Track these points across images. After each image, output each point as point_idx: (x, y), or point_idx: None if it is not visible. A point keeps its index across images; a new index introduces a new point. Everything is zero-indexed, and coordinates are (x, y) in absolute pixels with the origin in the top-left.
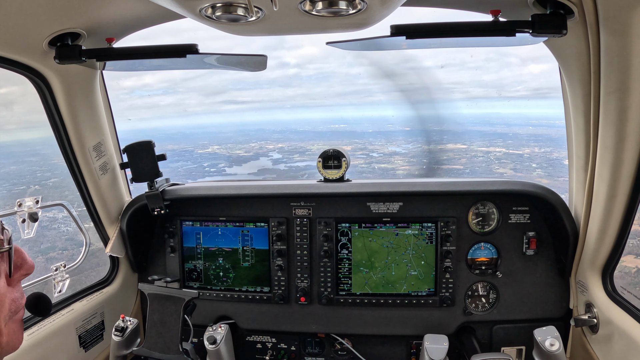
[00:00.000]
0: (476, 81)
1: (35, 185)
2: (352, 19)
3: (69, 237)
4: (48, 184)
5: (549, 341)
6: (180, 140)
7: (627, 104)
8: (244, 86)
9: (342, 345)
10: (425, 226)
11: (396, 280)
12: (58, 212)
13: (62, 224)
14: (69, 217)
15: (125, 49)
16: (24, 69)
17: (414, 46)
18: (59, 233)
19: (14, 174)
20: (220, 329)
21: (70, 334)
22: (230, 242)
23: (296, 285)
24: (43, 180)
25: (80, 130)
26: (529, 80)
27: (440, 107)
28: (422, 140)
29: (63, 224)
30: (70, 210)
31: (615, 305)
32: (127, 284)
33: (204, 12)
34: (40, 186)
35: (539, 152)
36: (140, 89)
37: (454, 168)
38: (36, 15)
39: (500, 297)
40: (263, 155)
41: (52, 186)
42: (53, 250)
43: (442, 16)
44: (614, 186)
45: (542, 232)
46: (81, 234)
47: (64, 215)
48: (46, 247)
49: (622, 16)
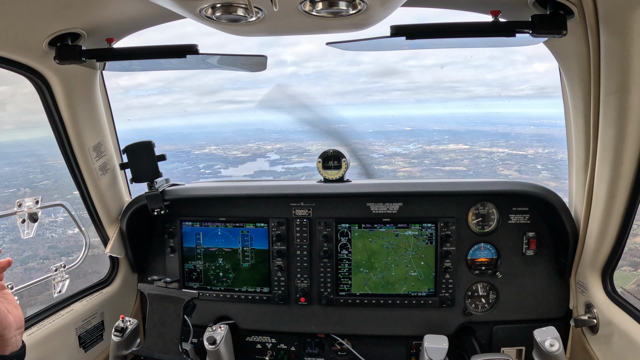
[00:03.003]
0: (480, 80)
1: (26, 187)
2: (352, 20)
3: (52, 245)
4: (39, 186)
5: (548, 341)
6: (178, 140)
7: (627, 105)
8: (242, 85)
9: (342, 346)
10: (425, 226)
11: (396, 281)
12: (45, 217)
13: (47, 230)
14: (55, 221)
15: (125, 49)
16: (24, 69)
17: (414, 46)
18: (42, 239)
19: (7, 175)
20: (220, 330)
21: (70, 334)
22: (230, 243)
23: (296, 286)
24: (35, 182)
25: (80, 131)
26: (534, 79)
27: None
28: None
29: (48, 230)
30: (70, 211)
31: (615, 306)
32: (126, 284)
33: (204, 13)
34: (31, 188)
35: (543, 152)
36: (135, 88)
37: (457, 170)
38: (36, 15)
39: (500, 298)
40: (260, 156)
41: (42, 188)
42: (34, 259)
43: (442, 16)
44: (614, 187)
45: (542, 233)
46: (81, 236)
47: (50, 220)
48: (28, 255)
49: (622, 17)
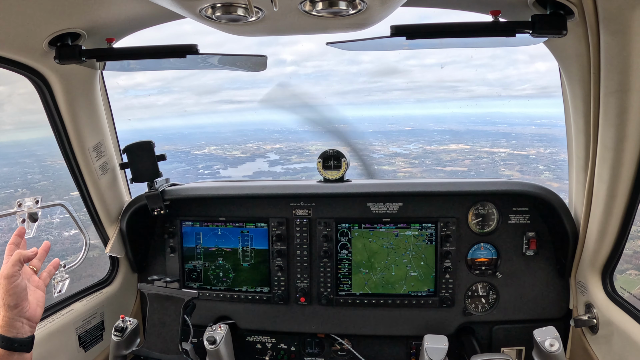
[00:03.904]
0: (481, 79)
1: (23, 189)
2: (352, 19)
3: None
4: (37, 187)
5: (548, 341)
6: (177, 140)
7: (627, 105)
8: (241, 85)
9: (342, 346)
10: (425, 226)
11: (396, 281)
12: (41, 219)
13: (43, 232)
14: (51, 223)
15: (125, 49)
16: (24, 69)
17: (414, 46)
18: (38, 242)
19: (5, 176)
20: (220, 329)
21: (70, 334)
22: (230, 243)
23: (296, 286)
24: (32, 183)
25: (80, 131)
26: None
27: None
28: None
29: (44, 232)
30: (71, 211)
31: (615, 306)
32: (126, 284)
33: (204, 13)
34: (29, 189)
35: (545, 152)
36: (134, 88)
37: (458, 170)
38: (36, 15)
39: (500, 298)
40: (260, 157)
41: (40, 189)
42: None
43: (442, 16)
44: (614, 187)
45: (542, 233)
46: (81, 235)
47: (47, 221)
48: None
49: (622, 17)
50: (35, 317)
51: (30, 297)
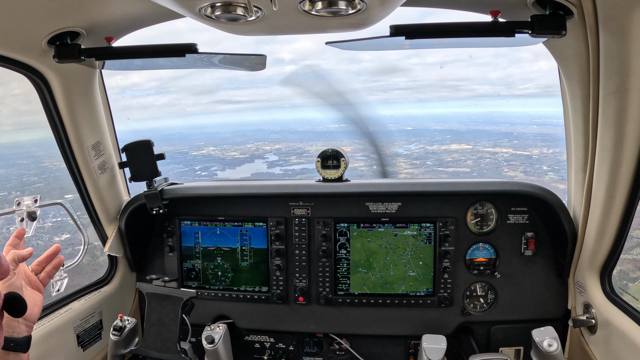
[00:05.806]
0: (483, 78)
1: (17, 191)
2: (352, 19)
3: (37, 253)
4: (31, 190)
5: (547, 341)
6: (176, 141)
7: (626, 105)
8: (240, 85)
9: (340, 345)
10: (424, 226)
11: (394, 281)
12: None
13: (33, 237)
14: (42, 227)
15: (124, 48)
16: (23, 67)
17: (414, 46)
18: (28, 245)
19: (1, 178)
20: (219, 329)
21: (68, 333)
22: (228, 242)
23: (294, 285)
24: (27, 185)
25: (79, 129)
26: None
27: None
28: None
29: (34, 237)
30: (69, 210)
31: (613, 306)
32: (125, 283)
33: (204, 12)
34: (23, 192)
35: (548, 152)
36: (131, 88)
37: (460, 171)
38: (35, 14)
39: (498, 298)
40: (258, 158)
41: (33, 192)
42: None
43: (442, 16)
44: (613, 187)
45: (541, 233)
46: (80, 234)
47: (38, 226)
48: None
49: (621, 17)
50: (32, 317)
51: (27, 297)
